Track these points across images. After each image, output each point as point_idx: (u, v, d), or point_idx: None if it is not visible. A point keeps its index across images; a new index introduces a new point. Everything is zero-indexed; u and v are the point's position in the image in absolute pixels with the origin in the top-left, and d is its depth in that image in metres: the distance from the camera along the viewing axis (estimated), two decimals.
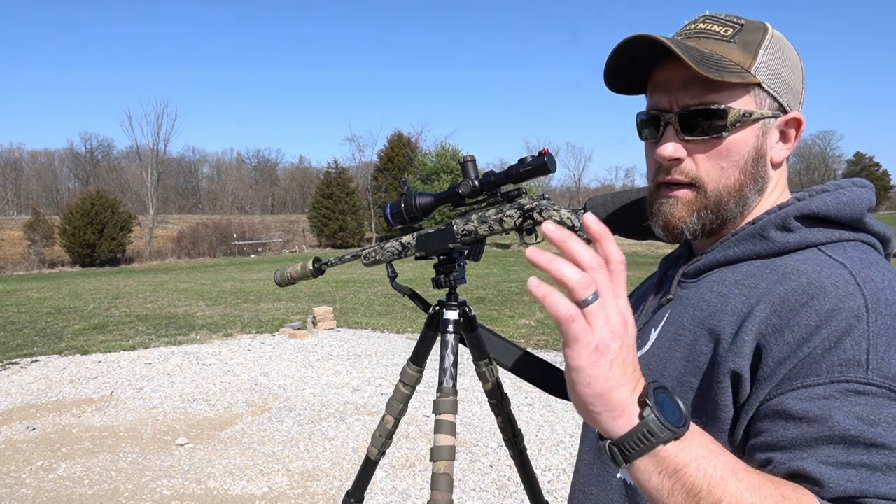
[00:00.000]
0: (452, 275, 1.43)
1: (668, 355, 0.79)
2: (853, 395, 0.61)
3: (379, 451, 1.55)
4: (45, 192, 66.11)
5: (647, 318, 0.87)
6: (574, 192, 67.70)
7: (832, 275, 0.69)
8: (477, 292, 12.91)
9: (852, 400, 0.61)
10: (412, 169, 40.68)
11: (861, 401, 0.61)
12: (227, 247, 37.33)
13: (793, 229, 0.76)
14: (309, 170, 77.57)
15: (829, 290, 0.67)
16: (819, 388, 0.63)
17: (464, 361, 5.34)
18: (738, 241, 0.79)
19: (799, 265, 0.73)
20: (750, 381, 0.68)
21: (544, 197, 1.31)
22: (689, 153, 0.79)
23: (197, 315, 10.86)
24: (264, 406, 5.42)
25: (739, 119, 0.77)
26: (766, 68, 0.78)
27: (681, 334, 0.79)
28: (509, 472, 3.81)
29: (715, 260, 0.81)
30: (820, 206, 0.76)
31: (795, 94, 0.81)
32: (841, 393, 0.62)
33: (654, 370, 0.80)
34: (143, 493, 3.67)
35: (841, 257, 0.72)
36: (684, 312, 0.81)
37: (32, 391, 6.04)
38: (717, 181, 0.79)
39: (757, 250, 0.78)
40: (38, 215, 35.68)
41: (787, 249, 0.76)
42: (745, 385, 0.68)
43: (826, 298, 0.67)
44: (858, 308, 0.65)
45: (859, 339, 0.63)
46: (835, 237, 0.75)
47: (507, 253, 28.82)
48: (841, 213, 0.76)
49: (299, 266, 1.58)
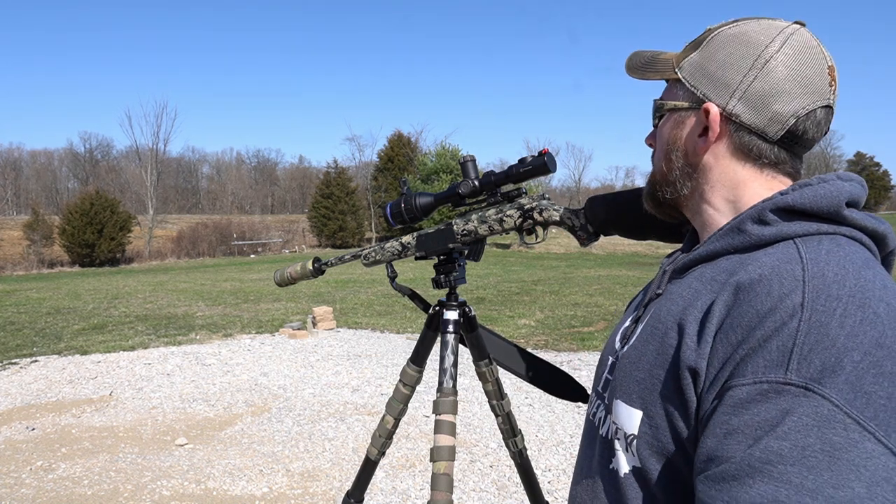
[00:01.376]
0: (452, 275, 1.43)
1: (644, 348, 0.81)
2: (771, 396, 0.63)
3: (379, 451, 1.55)
4: (44, 192, 66.09)
5: (639, 313, 0.89)
6: (574, 192, 67.70)
7: (783, 271, 0.69)
8: (477, 292, 12.91)
9: (767, 403, 0.63)
10: (412, 169, 40.67)
11: (771, 403, 0.63)
12: (226, 247, 37.34)
13: (769, 222, 0.76)
14: (309, 170, 77.63)
15: (773, 288, 0.68)
16: (741, 389, 0.65)
17: (464, 361, 5.34)
18: (720, 236, 0.80)
19: (762, 259, 0.73)
20: (704, 375, 0.70)
21: (544, 197, 1.31)
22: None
23: (196, 315, 10.86)
24: (264, 406, 5.41)
25: (657, 109, 0.89)
26: (691, 65, 0.84)
27: (656, 328, 0.81)
28: (509, 472, 3.81)
29: (699, 255, 0.82)
30: (795, 199, 0.76)
31: (724, 87, 0.80)
32: (759, 394, 0.63)
33: (631, 363, 0.82)
34: (142, 494, 3.67)
35: (806, 251, 0.71)
36: (662, 307, 0.82)
37: (32, 391, 6.04)
38: (655, 165, 0.92)
39: (735, 244, 0.78)
40: (38, 215, 35.68)
41: (763, 242, 0.76)
42: (700, 379, 0.70)
43: (768, 297, 0.67)
44: (794, 306, 0.65)
45: (786, 339, 0.64)
46: (812, 230, 0.74)
47: (507, 253, 28.82)
48: (817, 206, 0.75)
49: (299, 266, 1.58)
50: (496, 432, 4.45)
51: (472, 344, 1.49)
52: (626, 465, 0.80)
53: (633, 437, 0.78)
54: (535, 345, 7.50)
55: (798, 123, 0.78)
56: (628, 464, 0.80)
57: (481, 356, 1.49)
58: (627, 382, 0.82)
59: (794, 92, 0.78)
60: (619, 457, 0.81)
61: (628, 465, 0.80)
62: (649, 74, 0.88)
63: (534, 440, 4.34)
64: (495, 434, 4.44)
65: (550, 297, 11.90)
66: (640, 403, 0.79)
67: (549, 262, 22.97)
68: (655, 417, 0.76)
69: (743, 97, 0.79)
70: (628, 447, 0.80)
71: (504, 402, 1.54)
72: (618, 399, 0.83)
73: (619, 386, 0.83)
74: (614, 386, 0.85)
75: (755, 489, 0.61)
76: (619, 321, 1.03)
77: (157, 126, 52.34)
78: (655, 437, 0.76)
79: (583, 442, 0.97)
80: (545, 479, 3.73)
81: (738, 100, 0.79)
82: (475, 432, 4.54)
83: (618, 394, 0.83)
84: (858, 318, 0.64)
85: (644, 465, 0.78)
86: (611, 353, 0.95)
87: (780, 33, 0.79)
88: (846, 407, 0.61)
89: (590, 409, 0.96)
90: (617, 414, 0.82)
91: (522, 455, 1.58)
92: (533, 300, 11.58)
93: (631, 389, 0.81)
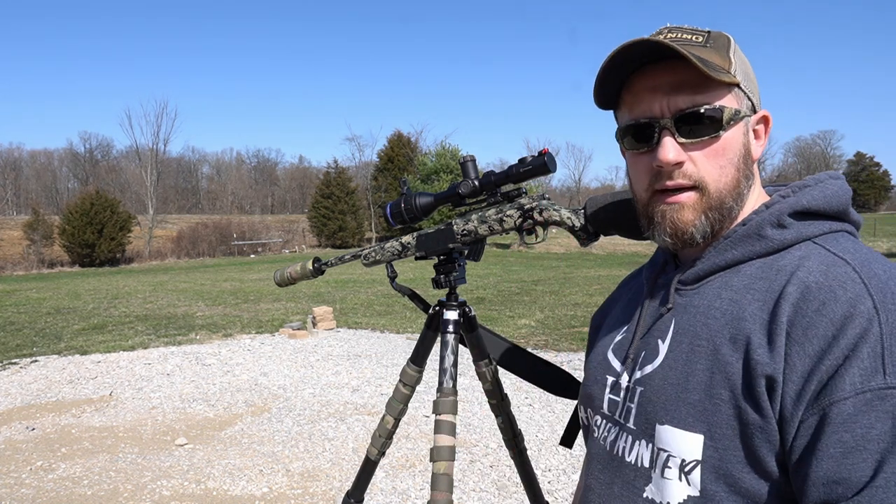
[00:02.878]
0: (452, 275, 1.43)
1: (689, 368, 0.77)
2: (877, 403, 0.63)
3: (379, 451, 1.54)
4: (44, 192, 66.10)
5: (647, 328, 0.86)
6: (574, 192, 67.71)
7: (838, 275, 0.70)
8: (477, 292, 12.91)
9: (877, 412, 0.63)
10: (412, 169, 40.67)
11: (882, 410, 0.63)
12: (226, 247, 37.33)
13: (787, 226, 0.78)
14: (309, 170, 77.66)
15: (838, 293, 0.68)
16: (844, 403, 0.64)
17: (464, 361, 5.34)
18: (735, 243, 0.79)
19: (803, 263, 0.74)
20: (782, 386, 0.68)
21: (544, 197, 1.31)
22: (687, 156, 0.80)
23: (196, 315, 10.86)
24: (264, 406, 5.41)
25: (732, 117, 0.78)
26: (740, 70, 0.80)
27: (698, 345, 0.77)
28: (509, 473, 3.81)
29: (715, 265, 0.80)
30: (811, 201, 0.78)
31: (758, 96, 0.84)
32: (866, 405, 0.63)
33: (675, 384, 0.77)
34: (142, 494, 3.67)
35: (838, 250, 0.74)
36: (695, 322, 0.79)
37: (32, 391, 6.04)
38: (718, 180, 0.79)
39: (756, 250, 0.78)
40: (38, 215, 35.66)
41: (784, 246, 0.77)
42: (778, 388, 0.68)
43: (837, 304, 0.67)
44: (869, 311, 0.66)
45: (874, 344, 0.64)
46: (825, 229, 0.78)
47: (507, 253, 28.82)
48: (829, 206, 0.79)
49: (299, 266, 1.58)
50: (496, 432, 4.45)
51: (472, 344, 1.49)
52: (678, 495, 0.75)
53: (696, 463, 0.74)
54: (535, 345, 7.50)
55: None
56: (682, 493, 0.75)
57: (481, 356, 1.49)
58: (677, 405, 0.76)
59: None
60: (667, 486, 0.76)
61: (682, 495, 0.75)
62: (721, 75, 0.76)
63: (534, 440, 4.34)
64: (495, 434, 4.44)
65: (550, 297, 11.90)
66: (700, 427, 0.74)
67: (549, 262, 22.97)
68: (723, 439, 0.72)
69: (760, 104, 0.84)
70: (684, 475, 0.75)
71: (504, 402, 1.54)
72: (666, 424, 0.77)
73: (663, 410, 0.78)
74: (651, 410, 0.80)
75: None
76: (601, 335, 0.99)
77: (157, 126, 52.30)
78: (723, 460, 0.72)
79: (592, 466, 0.91)
80: (545, 479, 3.73)
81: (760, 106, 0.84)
82: (475, 432, 4.54)
83: (663, 418, 0.78)
84: None
85: (706, 491, 0.73)
86: (608, 371, 0.90)
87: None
88: None
89: (599, 434, 0.90)
90: (664, 440, 0.77)
91: (522, 455, 1.58)
92: (533, 300, 11.58)
93: (684, 413, 0.75)
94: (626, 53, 0.78)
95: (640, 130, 0.81)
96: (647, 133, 0.80)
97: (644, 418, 0.81)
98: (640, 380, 0.83)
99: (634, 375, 0.85)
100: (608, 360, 0.92)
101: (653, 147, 0.80)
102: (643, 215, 0.85)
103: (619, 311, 1.00)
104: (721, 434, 0.72)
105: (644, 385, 0.82)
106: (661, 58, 0.78)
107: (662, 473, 0.77)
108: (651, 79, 0.80)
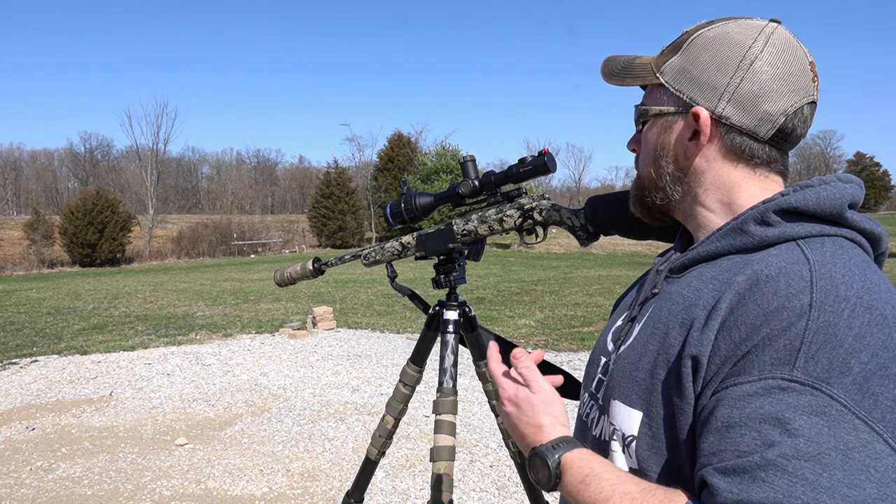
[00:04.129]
0: (452, 275, 1.43)
1: (644, 349, 0.81)
2: (776, 392, 0.63)
3: (379, 451, 1.55)
4: (44, 192, 66.09)
5: (635, 313, 0.88)
6: (574, 192, 67.69)
7: (791, 272, 0.70)
8: (477, 292, 12.91)
9: (772, 398, 0.63)
10: (412, 169, 40.67)
11: (777, 399, 0.63)
12: (226, 247, 37.33)
13: (772, 223, 0.76)
14: (309, 170, 77.65)
15: (780, 288, 0.68)
16: (746, 385, 0.65)
17: (464, 361, 5.34)
18: (721, 236, 0.80)
19: (768, 259, 0.73)
20: (705, 368, 0.70)
21: (544, 197, 1.31)
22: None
23: (197, 315, 10.86)
24: (264, 406, 5.41)
25: (642, 115, 0.87)
26: (673, 69, 0.83)
27: (656, 328, 0.80)
28: (509, 472, 3.81)
29: (698, 255, 0.82)
30: (799, 201, 0.76)
31: (711, 90, 0.80)
32: (764, 390, 0.64)
33: (630, 363, 0.82)
34: (142, 494, 3.67)
35: (812, 253, 0.72)
36: (663, 307, 0.82)
37: (32, 391, 6.04)
38: (642, 170, 0.90)
39: (737, 245, 0.78)
40: (38, 215, 35.66)
41: (765, 244, 0.76)
42: (701, 371, 0.70)
43: (775, 297, 0.68)
44: (802, 306, 0.66)
45: (794, 338, 0.64)
46: (814, 231, 0.75)
47: (507, 253, 28.81)
48: (820, 208, 0.76)
49: (299, 266, 1.58)
50: (496, 432, 4.45)
51: (472, 344, 1.49)
52: (623, 467, 0.79)
53: (633, 438, 0.78)
54: (535, 345, 7.50)
55: (787, 121, 0.79)
56: (626, 465, 0.79)
57: (481, 356, 1.49)
58: (626, 383, 0.81)
59: (781, 90, 0.78)
60: (616, 458, 0.81)
61: (626, 467, 0.79)
62: (628, 80, 0.88)
63: None
64: (495, 434, 4.44)
65: (550, 297, 11.89)
66: (640, 404, 0.78)
67: (549, 262, 22.97)
68: (656, 418, 0.76)
69: (732, 99, 0.79)
70: (626, 448, 0.79)
71: None
72: (616, 400, 0.82)
73: (617, 387, 0.83)
74: (610, 386, 0.85)
75: (770, 484, 0.60)
76: (609, 321, 1.03)
77: (157, 126, 52.30)
78: (655, 438, 0.76)
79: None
80: None
81: (726, 102, 0.80)
82: (475, 432, 4.54)
83: (615, 394, 0.83)
84: (866, 319, 0.65)
85: (642, 466, 0.77)
86: (603, 353, 0.95)
87: (760, 33, 0.79)
88: (854, 408, 0.61)
89: (582, 409, 0.96)
90: (614, 415, 0.82)
91: (523, 455, 1.58)
92: (533, 300, 11.58)
93: (630, 390, 0.80)
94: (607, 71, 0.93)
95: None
96: None
97: (606, 394, 0.86)
98: (615, 360, 0.88)
99: (613, 356, 0.89)
100: (605, 343, 0.96)
101: None
102: None
103: (627, 299, 1.03)
104: (655, 413, 0.76)
105: (615, 364, 0.87)
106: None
107: (611, 446, 0.82)
108: None
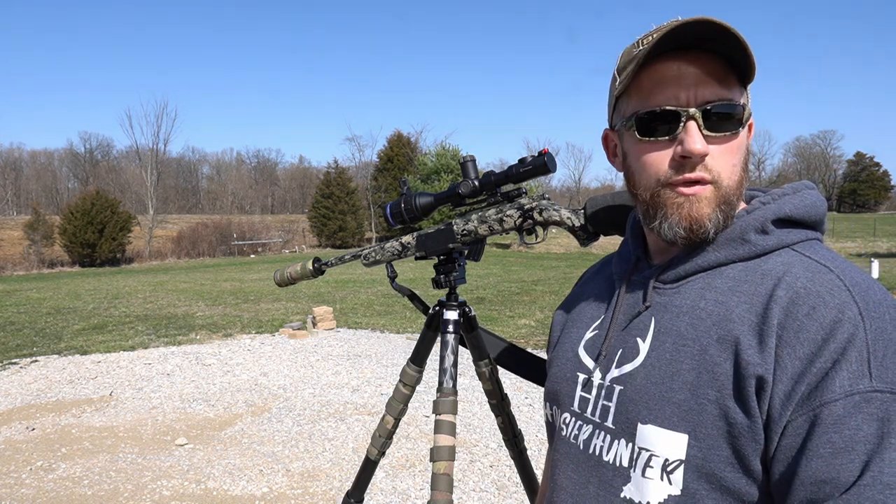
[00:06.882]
0: (452, 275, 1.43)
1: (674, 367, 0.77)
2: (863, 406, 0.65)
3: (379, 451, 1.54)
4: (44, 192, 66.11)
5: (622, 325, 0.85)
6: (574, 192, 67.71)
7: (825, 281, 0.72)
8: (477, 292, 12.91)
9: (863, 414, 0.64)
10: (412, 169, 40.66)
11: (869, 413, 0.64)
12: (226, 247, 37.33)
13: (769, 232, 0.79)
14: (309, 170, 77.76)
15: (827, 299, 0.70)
16: (837, 404, 0.65)
17: (464, 361, 5.34)
18: (719, 245, 0.80)
19: (789, 269, 0.75)
20: (772, 387, 0.69)
21: (544, 197, 1.31)
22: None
23: (197, 315, 10.86)
24: (264, 406, 5.41)
25: (748, 117, 0.79)
26: None
27: (683, 345, 0.77)
28: (509, 473, 3.81)
29: (697, 265, 0.81)
30: (792, 210, 0.80)
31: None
32: (855, 407, 0.65)
33: (659, 384, 0.77)
34: (142, 494, 3.67)
35: (819, 258, 0.76)
36: (678, 321, 0.79)
37: (32, 391, 6.04)
38: (730, 178, 0.78)
39: (739, 254, 0.79)
40: (38, 215, 35.66)
41: (765, 251, 0.78)
42: (767, 389, 0.69)
43: (827, 309, 0.69)
44: (855, 317, 0.68)
45: (861, 349, 0.66)
46: (803, 237, 0.80)
47: (507, 253, 28.81)
48: (809, 216, 0.81)
49: (299, 266, 1.58)
50: (496, 432, 4.45)
51: (472, 344, 1.49)
52: (659, 494, 0.75)
53: (679, 463, 0.74)
54: (535, 345, 7.50)
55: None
56: (663, 493, 0.75)
57: (481, 356, 1.49)
58: (661, 405, 0.76)
59: None
60: (646, 485, 0.76)
61: (662, 494, 0.75)
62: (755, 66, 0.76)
63: (534, 440, 4.34)
64: (495, 434, 4.44)
65: (550, 297, 11.89)
66: (683, 426, 0.74)
67: (549, 262, 22.96)
68: (707, 439, 0.72)
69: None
70: (666, 474, 0.75)
71: (504, 402, 1.54)
72: (647, 423, 0.77)
73: (646, 409, 0.77)
74: (633, 409, 0.79)
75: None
76: (567, 331, 0.98)
77: (157, 126, 52.41)
78: (706, 460, 0.72)
79: (563, 468, 0.89)
80: None
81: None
82: (475, 432, 4.54)
83: (645, 418, 0.77)
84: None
85: (687, 490, 0.73)
86: (579, 369, 0.90)
87: None
88: None
89: (568, 432, 0.89)
90: (645, 439, 0.77)
91: (522, 455, 1.58)
92: (533, 300, 11.58)
93: (668, 412, 0.75)
94: (672, 35, 0.74)
95: (662, 118, 0.77)
96: (670, 122, 0.77)
97: (624, 417, 0.80)
98: (619, 378, 0.82)
99: (611, 374, 0.84)
100: (579, 357, 0.91)
101: (674, 137, 0.77)
102: (648, 206, 0.81)
103: (586, 307, 0.98)
104: (706, 434, 0.72)
105: (624, 384, 0.82)
106: (690, 46, 0.75)
107: (643, 473, 0.76)
108: (676, 66, 0.76)
